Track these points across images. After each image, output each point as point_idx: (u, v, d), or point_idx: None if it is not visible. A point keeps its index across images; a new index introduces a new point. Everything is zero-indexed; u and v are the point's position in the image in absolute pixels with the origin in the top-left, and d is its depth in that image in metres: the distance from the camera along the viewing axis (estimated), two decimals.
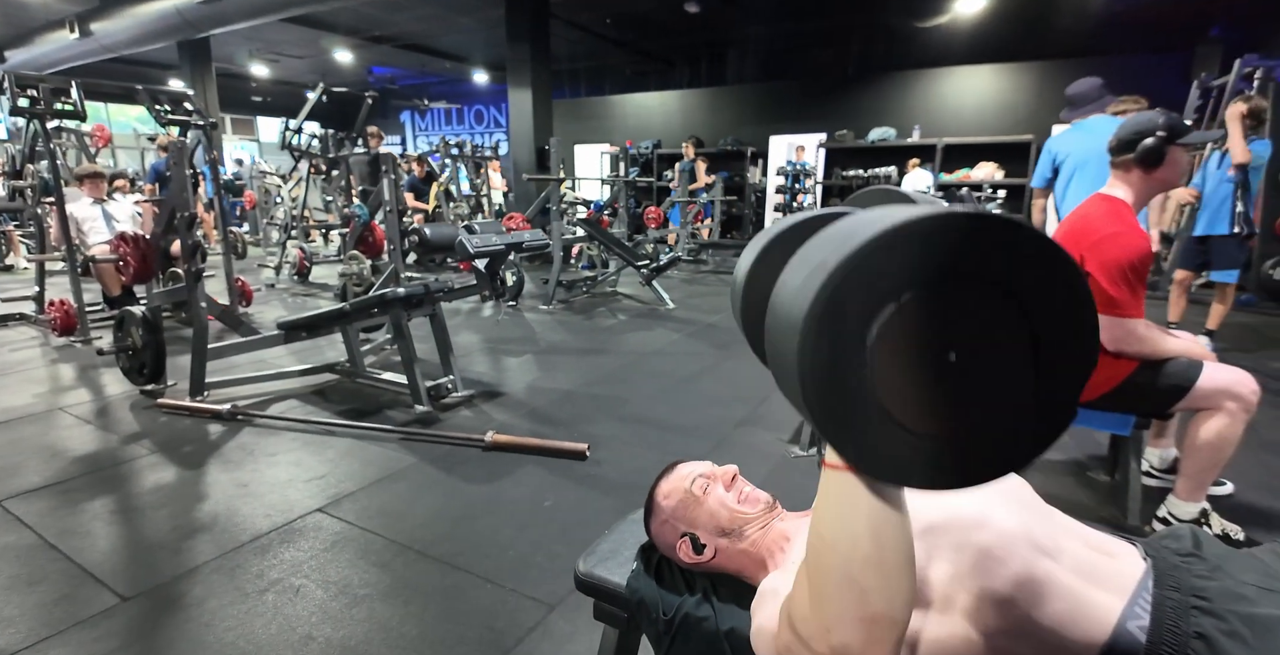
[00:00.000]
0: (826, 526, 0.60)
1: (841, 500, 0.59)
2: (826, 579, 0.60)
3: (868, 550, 0.57)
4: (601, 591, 1.12)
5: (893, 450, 0.52)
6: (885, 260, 0.48)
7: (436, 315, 3.26)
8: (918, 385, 0.51)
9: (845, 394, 0.50)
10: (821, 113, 10.31)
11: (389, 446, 2.66)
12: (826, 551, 0.60)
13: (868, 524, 0.58)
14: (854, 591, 0.58)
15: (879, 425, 0.51)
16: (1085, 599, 0.74)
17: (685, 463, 1.11)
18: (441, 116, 16.99)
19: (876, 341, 0.50)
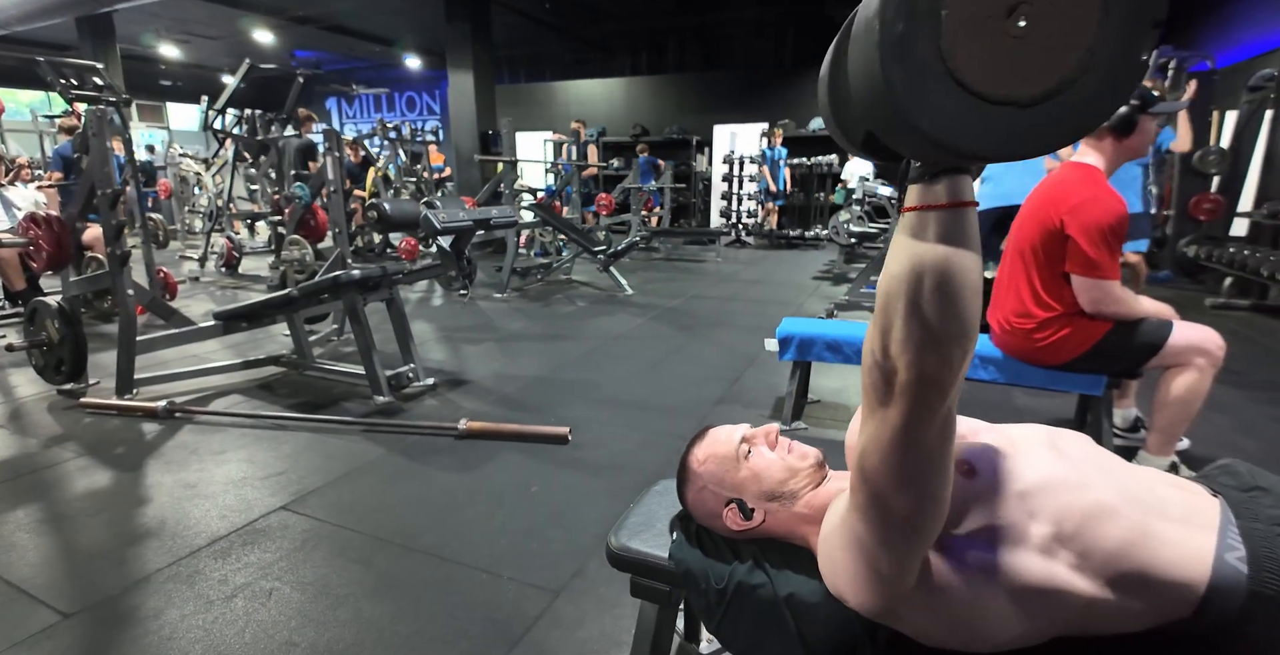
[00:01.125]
0: (899, 260, 0.62)
1: (915, 235, 0.61)
2: (894, 314, 0.62)
3: (938, 278, 0.60)
4: (640, 566, 1.04)
5: (969, 123, 0.52)
6: None
7: (394, 300, 3.07)
8: (990, 51, 0.51)
9: (921, 68, 0.50)
10: (764, 102, 10.41)
11: (351, 439, 2.48)
12: (897, 284, 0.62)
13: (937, 255, 0.60)
14: (919, 318, 0.61)
15: (954, 98, 0.51)
16: (1187, 543, 0.72)
17: (719, 426, 1.04)
18: (370, 103, 16.27)
19: (947, 11, 0.49)
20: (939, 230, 0.60)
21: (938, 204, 0.60)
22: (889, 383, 0.64)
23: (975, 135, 0.52)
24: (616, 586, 1.57)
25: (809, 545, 0.93)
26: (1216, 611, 0.69)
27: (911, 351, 0.62)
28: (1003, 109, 0.52)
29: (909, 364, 0.62)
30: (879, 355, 0.64)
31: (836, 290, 5.66)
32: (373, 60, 13.89)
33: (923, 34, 0.50)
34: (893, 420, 0.65)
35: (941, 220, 0.60)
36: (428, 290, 5.64)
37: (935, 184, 0.61)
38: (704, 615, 0.96)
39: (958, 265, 0.60)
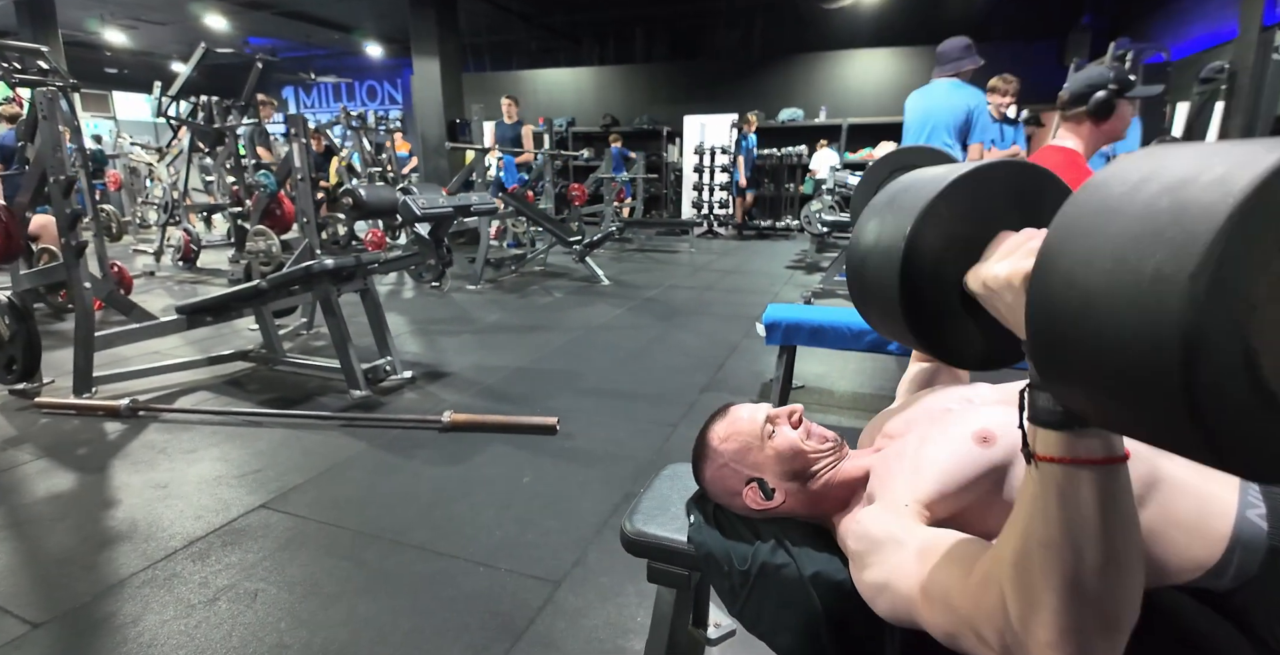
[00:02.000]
0: (1044, 528, 0.52)
1: (1067, 497, 0.51)
2: (1043, 590, 0.52)
3: (1101, 553, 0.50)
4: (656, 550, 1.01)
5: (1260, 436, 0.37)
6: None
7: (369, 290, 2.98)
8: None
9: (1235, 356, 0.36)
10: (733, 93, 10.41)
11: (329, 434, 2.39)
12: (1042, 558, 0.52)
13: (1101, 523, 0.50)
14: (1082, 601, 0.51)
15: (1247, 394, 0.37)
16: (1208, 493, 0.73)
17: (739, 404, 1.01)
18: (329, 93, 15.81)
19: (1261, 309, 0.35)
20: (1099, 494, 0.50)
21: (1092, 459, 0.50)
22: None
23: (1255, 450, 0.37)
24: (618, 574, 1.55)
25: (829, 525, 0.92)
26: (1239, 568, 0.70)
27: (1075, 644, 0.51)
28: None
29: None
30: (1017, 628, 0.53)
31: (810, 279, 5.70)
32: (331, 48, 13.48)
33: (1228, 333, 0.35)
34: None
35: (1100, 481, 0.50)
36: (398, 282, 5.51)
37: (1087, 435, 0.50)
38: (726, 598, 0.94)
39: (1127, 537, 0.51)
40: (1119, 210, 0.39)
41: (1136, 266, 0.36)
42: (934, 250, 0.60)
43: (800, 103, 10.15)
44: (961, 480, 0.76)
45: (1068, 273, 0.41)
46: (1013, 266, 0.55)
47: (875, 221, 0.65)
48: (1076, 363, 0.41)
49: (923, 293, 0.61)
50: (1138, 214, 0.38)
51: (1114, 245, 0.38)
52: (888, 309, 0.63)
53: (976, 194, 0.61)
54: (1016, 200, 0.62)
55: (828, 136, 9.59)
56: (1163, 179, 0.38)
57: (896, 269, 0.60)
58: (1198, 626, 0.73)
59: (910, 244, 0.59)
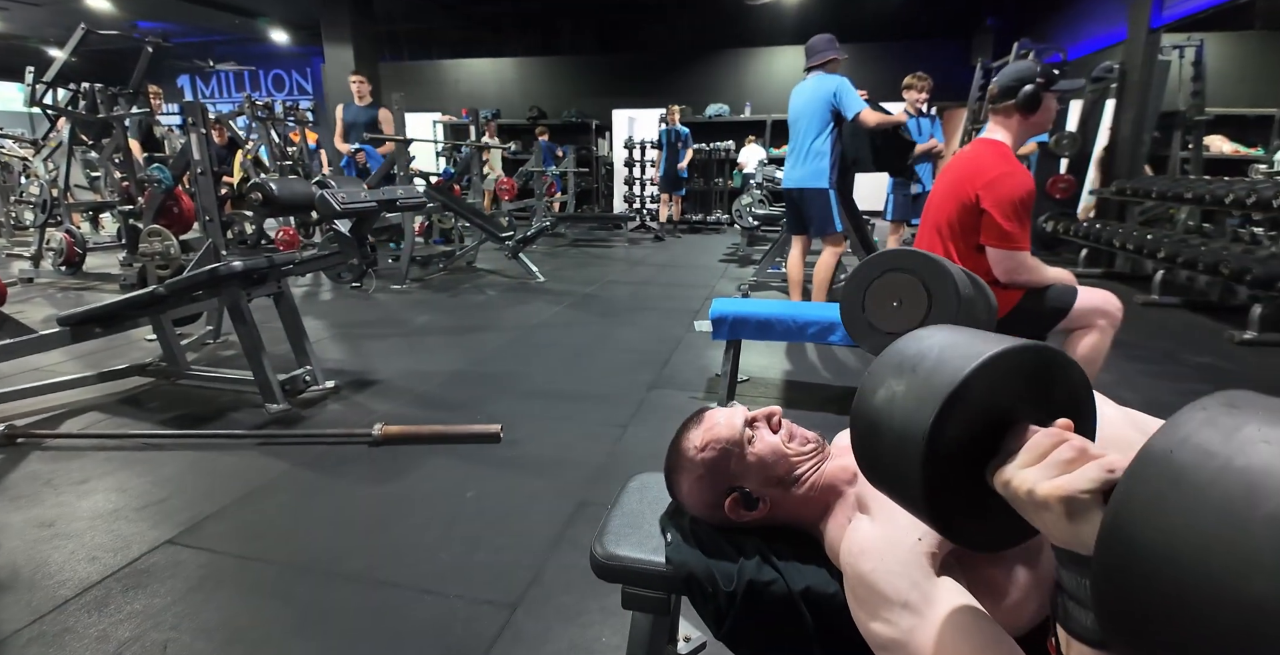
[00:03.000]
0: None
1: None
2: None
3: None
4: (631, 574, 0.93)
5: None
6: None
7: (283, 294, 2.74)
8: None
9: None
10: (660, 88, 10.40)
11: (245, 455, 2.17)
12: None
13: None
14: None
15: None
16: None
17: (713, 409, 0.94)
18: (231, 82, 14.76)
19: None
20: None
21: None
22: None
23: None
24: (579, 592, 1.45)
25: (816, 532, 0.87)
26: None
27: None
28: None
29: None
30: None
31: (744, 272, 5.74)
32: (232, 34, 12.57)
33: None
34: None
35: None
36: (314, 284, 5.16)
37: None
38: (711, 621, 0.87)
39: None
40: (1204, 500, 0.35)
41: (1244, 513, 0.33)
42: (956, 442, 0.56)
43: (726, 98, 10.25)
44: None
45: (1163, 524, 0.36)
46: (1054, 488, 0.50)
47: (886, 391, 0.59)
48: (1164, 635, 0.36)
49: (945, 483, 0.56)
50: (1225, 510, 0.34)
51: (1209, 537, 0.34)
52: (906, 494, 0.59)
53: (994, 381, 0.56)
54: (1028, 382, 0.58)
55: (754, 132, 9.72)
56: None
57: (919, 460, 0.55)
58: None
59: (931, 443, 0.54)
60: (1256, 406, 0.38)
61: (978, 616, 0.65)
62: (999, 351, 0.56)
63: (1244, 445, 0.35)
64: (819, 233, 3.68)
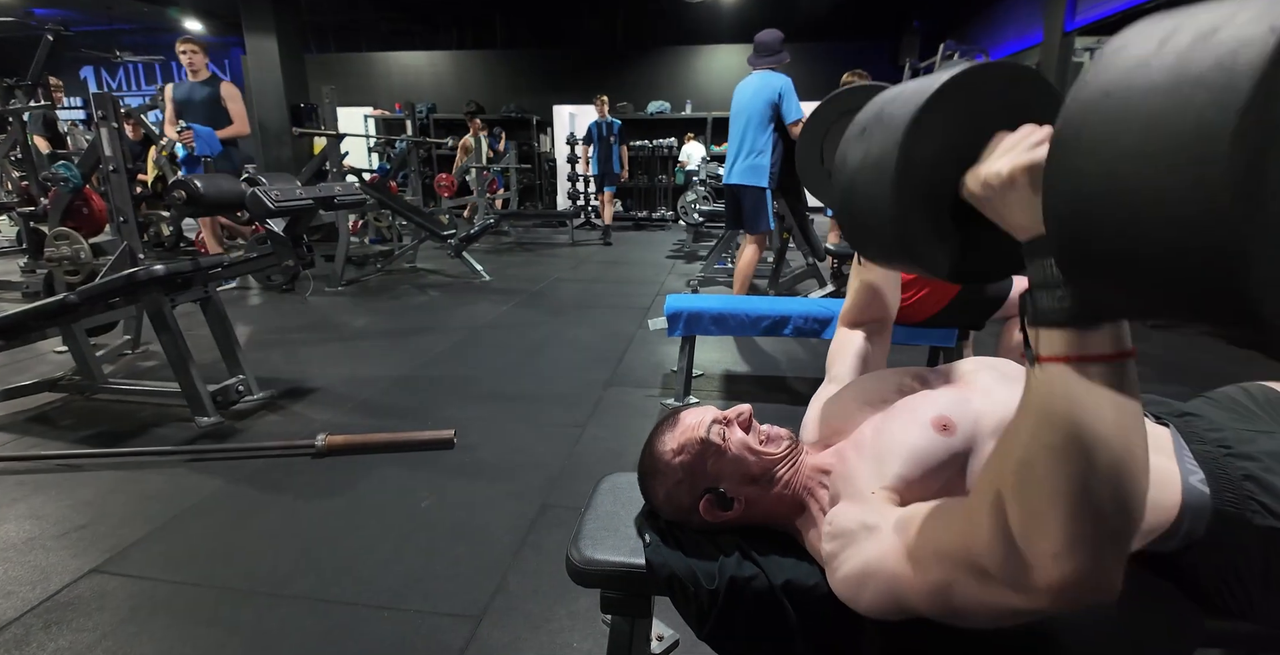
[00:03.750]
0: (1051, 433, 0.50)
1: (1076, 398, 0.49)
2: (1049, 499, 0.49)
3: (1112, 457, 0.48)
4: (610, 578, 0.90)
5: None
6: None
7: (210, 299, 2.57)
8: None
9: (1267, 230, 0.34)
10: (601, 84, 10.32)
11: (174, 473, 2.03)
12: (1048, 464, 0.49)
13: (1114, 423, 0.48)
14: (1090, 509, 0.48)
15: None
16: (1159, 469, 0.75)
17: (686, 411, 0.93)
18: (140, 74, 13.81)
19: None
20: (1112, 391, 0.48)
21: (1102, 355, 0.48)
22: (1028, 579, 0.51)
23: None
24: (546, 598, 1.42)
25: (793, 529, 0.87)
26: (1188, 531, 0.73)
27: (1083, 552, 0.48)
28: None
29: (1079, 568, 0.49)
30: (1020, 546, 0.51)
31: (691, 267, 5.78)
32: (139, 23, 11.77)
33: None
34: (1015, 608, 0.54)
35: (1112, 377, 0.48)
36: (242, 287, 4.89)
37: (1096, 330, 0.49)
38: (694, 622, 0.86)
39: (1136, 437, 0.49)
40: (1147, 65, 0.36)
41: (1175, 122, 0.34)
42: (928, 159, 0.57)
43: (667, 95, 10.28)
44: (925, 467, 0.74)
45: (1091, 147, 0.37)
46: (1015, 161, 0.53)
47: (859, 144, 0.61)
48: (1108, 247, 0.38)
49: (917, 204, 0.58)
50: (1169, 66, 0.35)
51: (1145, 105, 0.35)
52: (881, 228, 0.60)
53: (969, 98, 0.58)
54: (1008, 106, 0.59)
55: (695, 129, 9.79)
56: (1192, 29, 0.36)
57: (890, 182, 0.56)
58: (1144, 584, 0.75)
59: (903, 152, 0.55)
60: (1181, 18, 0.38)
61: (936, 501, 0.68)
62: (968, 68, 0.58)
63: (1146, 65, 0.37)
64: (750, 229, 3.73)
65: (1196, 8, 0.37)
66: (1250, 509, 0.72)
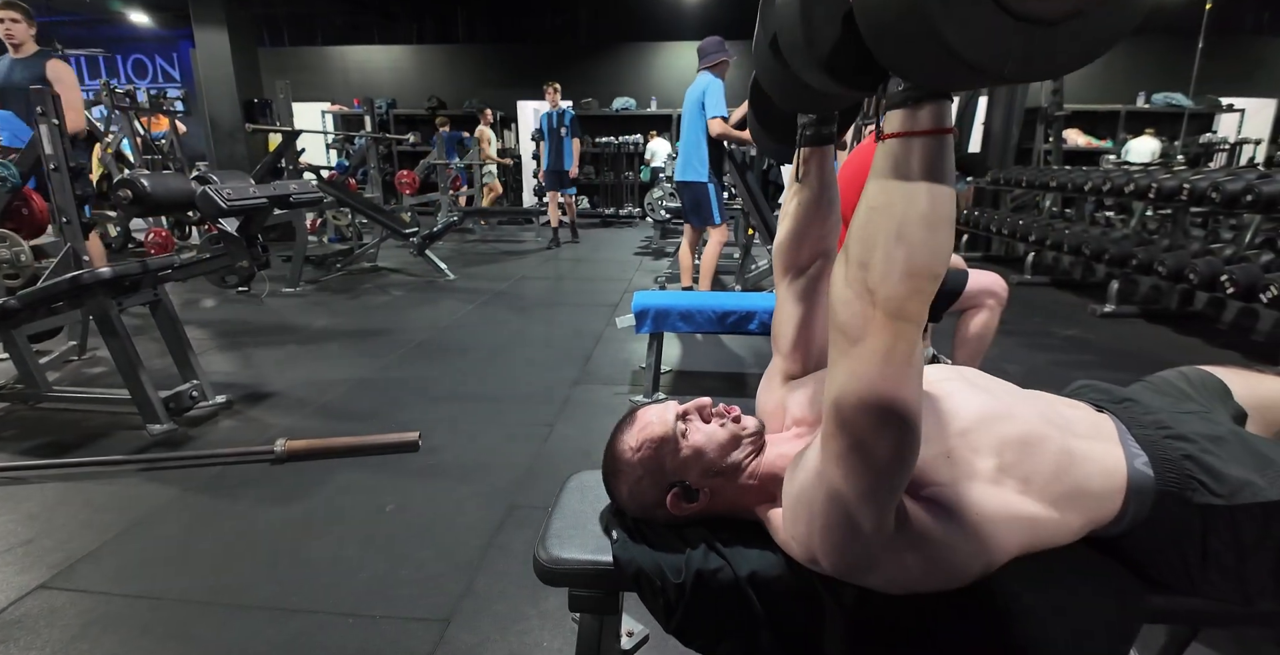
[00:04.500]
0: (883, 191, 0.61)
1: (900, 162, 0.59)
2: (878, 238, 0.61)
3: (922, 208, 0.59)
4: (577, 576, 0.90)
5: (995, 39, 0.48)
6: None
7: (160, 302, 2.49)
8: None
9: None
10: (566, 80, 10.22)
11: (125, 483, 1.96)
12: (880, 215, 0.61)
13: (925, 182, 0.59)
14: (905, 242, 0.60)
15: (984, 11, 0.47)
16: (1101, 455, 0.80)
17: (646, 407, 0.93)
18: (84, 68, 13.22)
19: None
20: (924, 158, 0.59)
21: (922, 130, 0.58)
22: (868, 316, 0.62)
23: (1000, 53, 0.48)
24: (514, 598, 1.41)
25: (756, 517, 0.88)
26: (1134, 514, 0.77)
27: (895, 280, 0.60)
28: (1027, 26, 0.48)
29: (892, 294, 0.61)
30: (856, 288, 0.63)
31: (659, 264, 5.79)
32: (80, 14, 11.25)
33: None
34: (872, 354, 0.63)
35: (927, 148, 0.58)
36: (194, 289, 4.74)
37: (919, 109, 0.58)
38: (662, 616, 0.86)
39: (942, 194, 0.60)
40: None
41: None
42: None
43: (633, 92, 10.26)
44: None
45: None
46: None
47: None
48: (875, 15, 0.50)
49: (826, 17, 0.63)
50: None
51: None
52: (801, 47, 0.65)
53: None
54: None
55: (661, 126, 9.80)
56: None
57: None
58: (1090, 562, 0.80)
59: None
60: None
61: None
62: None
63: None
64: (699, 224, 3.86)
65: None
66: (1190, 488, 0.76)
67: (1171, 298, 3.93)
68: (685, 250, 4.07)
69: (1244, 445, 0.83)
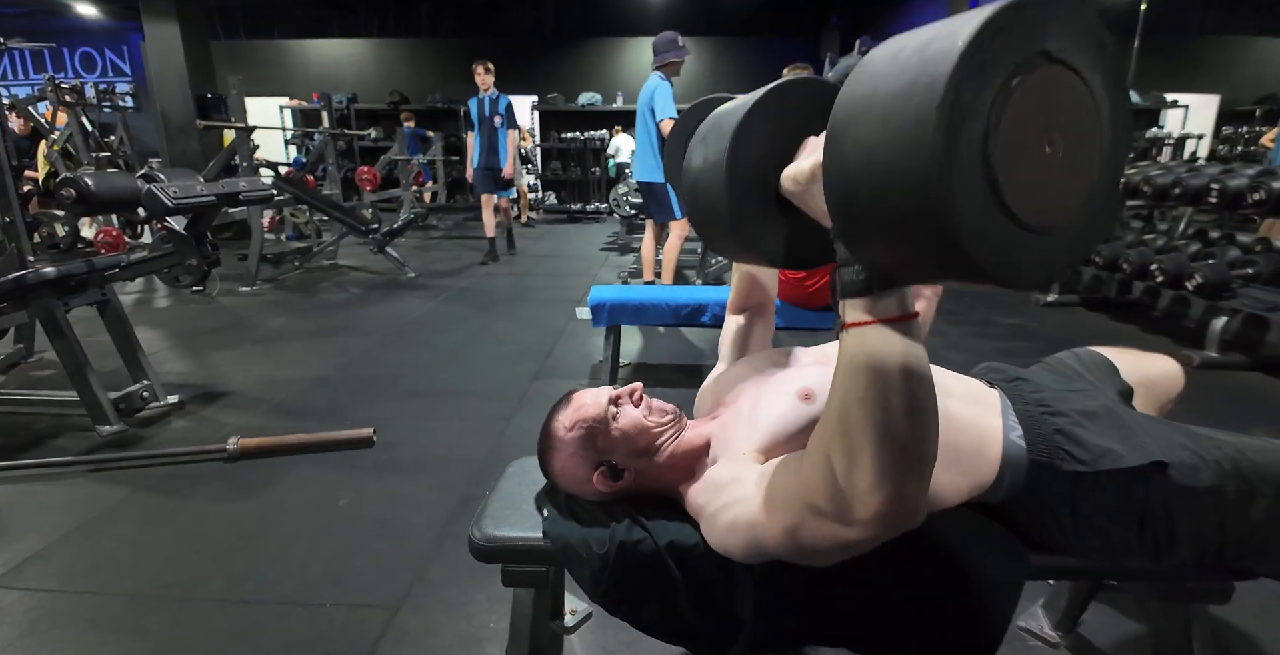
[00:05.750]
0: (857, 385, 0.59)
1: (873, 354, 0.58)
2: (861, 442, 0.58)
3: (905, 399, 0.57)
4: (510, 553, 0.96)
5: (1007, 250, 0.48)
6: (996, 44, 0.44)
7: (109, 302, 2.46)
8: (1028, 177, 0.48)
9: (970, 187, 0.45)
10: (531, 75, 10.21)
11: (74, 484, 1.95)
12: (858, 412, 0.58)
13: (902, 372, 0.57)
14: (894, 445, 0.58)
15: (999, 224, 0.47)
16: (980, 421, 0.87)
17: (580, 391, 0.99)
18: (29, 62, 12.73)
19: (996, 131, 0.45)
20: (899, 347, 0.57)
21: (892, 317, 0.57)
22: (851, 513, 0.60)
23: (1013, 263, 0.47)
24: (465, 585, 1.46)
25: (677, 494, 0.95)
26: (1010, 483, 0.85)
27: (890, 483, 0.58)
28: (1035, 237, 0.48)
29: (889, 496, 0.58)
30: (843, 485, 0.60)
31: (625, 259, 5.84)
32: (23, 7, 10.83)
33: (975, 154, 0.44)
34: (846, 540, 0.63)
35: (898, 334, 0.57)
36: (148, 289, 4.65)
37: (886, 297, 0.58)
38: (588, 585, 0.93)
39: (926, 381, 0.58)
40: (885, 75, 0.47)
41: (901, 115, 0.44)
42: (753, 160, 0.66)
43: (598, 87, 10.25)
44: (789, 431, 0.83)
45: (853, 140, 0.48)
46: (813, 159, 0.62)
47: (700, 150, 0.70)
48: (868, 216, 0.49)
49: (748, 201, 0.67)
50: (897, 73, 0.46)
51: (884, 103, 0.46)
52: (721, 223, 0.68)
53: (783, 107, 0.67)
54: (820, 112, 0.68)
55: (625, 122, 9.82)
56: (915, 42, 0.47)
57: (723, 181, 0.65)
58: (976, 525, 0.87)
59: (731, 156, 0.64)
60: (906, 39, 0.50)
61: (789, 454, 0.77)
62: (779, 84, 0.68)
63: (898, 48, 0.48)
64: (660, 220, 3.94)
65: (927, 27, 0.48)
66: (1059, 458, 0.84)
67: (1111, 287, 4.11)
68: (648, 245, 4.14)
69: (1114, 419, 0.92)
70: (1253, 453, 0.84)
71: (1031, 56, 0.46)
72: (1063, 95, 0.48)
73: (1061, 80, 0.48)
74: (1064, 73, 0.48)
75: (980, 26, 0.43)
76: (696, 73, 10.23)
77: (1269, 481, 0.81)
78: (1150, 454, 0.85)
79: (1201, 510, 0.83)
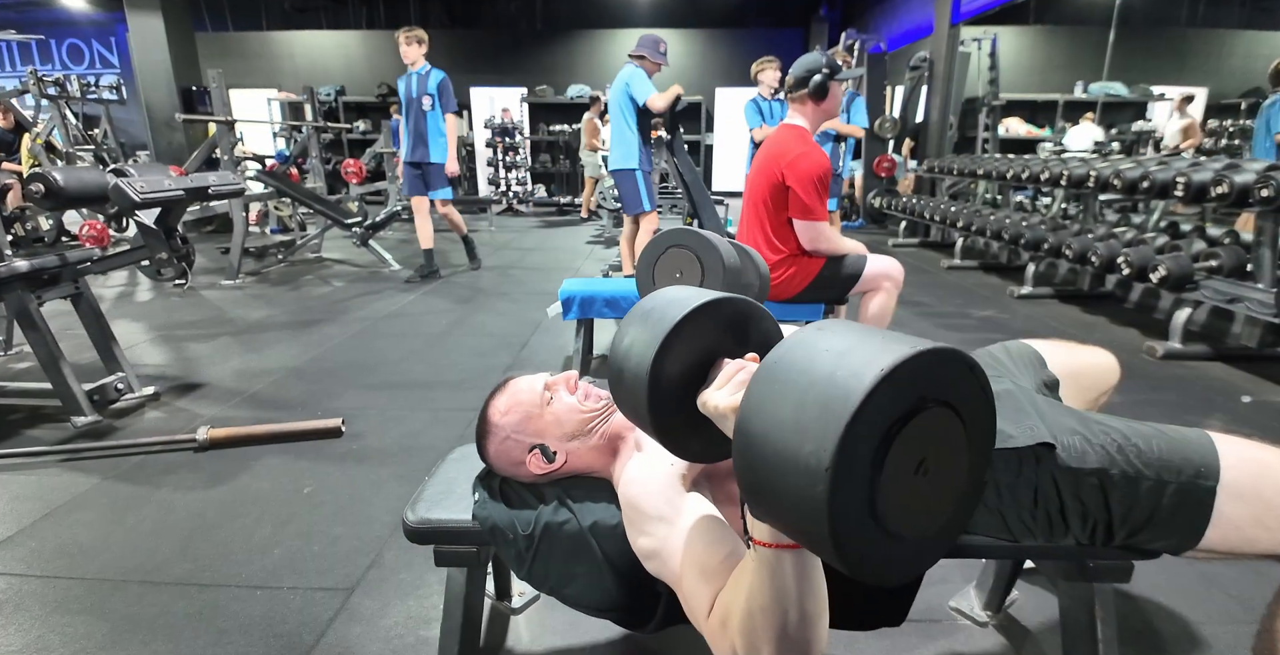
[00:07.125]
0: (762, 597, 0.65)
1: (774, 572, 0.64)
2: (763, 640, 0.66)
3: (801, 611, 0.65)
4: (441, 534, 1.01)
5: (877, 555, 0.54)
6: (885, 399, 0.49)
7: (82, 296, 2.49)
8: (903, 499, 0.54)
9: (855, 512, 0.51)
10: (521, 67, 10.21)
11: (46, 473, 1.99)
12: (761, 619, 0.66)
13: (798, 591, 0.64)
14: (789, 645, 0.66)
15: (874, 537, 0.53)
16: None
17: (518, 377, 1.04)
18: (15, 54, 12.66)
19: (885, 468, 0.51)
20: (796, 568, 0.64)
21: (790, 545, 0.63)
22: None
23: (879, 565, 0.54)
24: (418, 568, 1.50)
25: (607, 475, 1.00)
26: None
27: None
28: (902, 543, 0.55)
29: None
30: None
31: (609, 253, 5.87)
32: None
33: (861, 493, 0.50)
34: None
35: (796, 559, 0.64)
36: (130, 282, 4.66)
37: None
38: (515, 564, 0.98)
39: (817, 597, 0.66)
40: (785, 397, 0.52)
41: (797, 448, 0.50)
42: (671, 377, 0.71)
43: (588, 79, 10.25)
44: None
45: (759, 434, 0.54)
46: (726, 400, 0.66)
47: (632, 329, 0.74)
48: (763, 494, 0.55)
49: (666, 407, 0.71)
50: (794, 405, 0.51)
51: (782, 429, 0.51)
52: (641, 419, 0.73)
53: (700, 326, 0.71)
54: (731, 327, 0.75)
55: None
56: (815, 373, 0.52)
57: (645, 393, 0.69)
58: None
59: (653, 376, 0.69)
60: (837, 329, 0.56)
61: (713, 522, 0.81)
62: (701, 304, 0.71)
63: (815, 355, 0.53)
64: (628, 211, 3.95)
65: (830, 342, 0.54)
66: None
67: (1084, 279, 4.17)
68: (626, 239, 4.17)
69: (1013, 403, 0.97)
70: (1138, 438, 0.89)
71: (915, 401, 0.51)
72: (938, 427, 0.53)
73: (937, 416, 0.53)
74: (940, 409, 0.53)
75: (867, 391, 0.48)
76: (685, 66, 10.23)
77: (1151, 465, 0.86)
78: (1039, 436, 0.90)
79: (1088, 490, 0.88)
